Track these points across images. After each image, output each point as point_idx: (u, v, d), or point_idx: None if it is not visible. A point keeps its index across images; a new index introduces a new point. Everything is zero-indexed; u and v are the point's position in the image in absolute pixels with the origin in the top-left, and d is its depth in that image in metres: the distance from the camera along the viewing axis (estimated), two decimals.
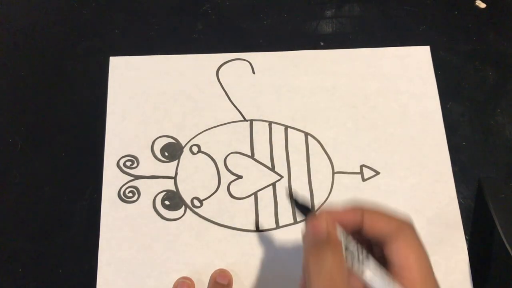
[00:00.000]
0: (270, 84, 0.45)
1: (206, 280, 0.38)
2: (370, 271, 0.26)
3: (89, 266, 0.39)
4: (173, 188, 0.41)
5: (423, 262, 0.26)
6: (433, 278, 0.26)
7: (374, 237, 0.27)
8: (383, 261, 0.26)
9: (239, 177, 0.42)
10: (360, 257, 0.27)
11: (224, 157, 0.42)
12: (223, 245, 0.39)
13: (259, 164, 0.42)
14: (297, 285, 0.38)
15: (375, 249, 0.28)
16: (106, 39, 0.47)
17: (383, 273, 0.26)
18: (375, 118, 0.43)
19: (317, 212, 0.28)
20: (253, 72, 0.45)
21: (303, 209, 0.30)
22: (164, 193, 0.41)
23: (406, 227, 0.26)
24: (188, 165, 0.42)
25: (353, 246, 0.27)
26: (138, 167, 0.42)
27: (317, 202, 0.41)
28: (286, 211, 0.40)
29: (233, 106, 0.44)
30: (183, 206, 0.41)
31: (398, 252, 0.25)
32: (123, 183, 0.41)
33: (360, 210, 0.27)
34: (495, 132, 0.43)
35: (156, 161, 0.42)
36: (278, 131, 0.43)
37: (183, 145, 0.43)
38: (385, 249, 0.26)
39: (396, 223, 0.26)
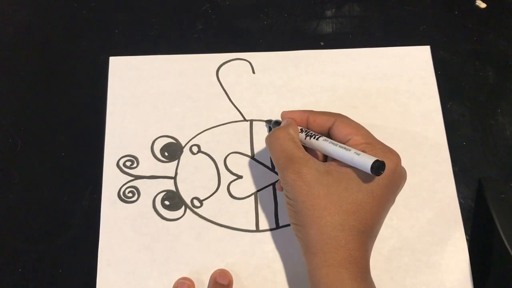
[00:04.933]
0: (270, 84, 0.45)
1: (206, 280, 0.38)
2: (323, 139, 0.34)
3: (89, 266, 0.39)
4: (173, 188, 0.41)
5: (361, 130, 0.33)
6: (374, 138, 0.33)
7: (319, 129, 0.35)
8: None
9: (239, 177, 0.42)
10: (316, 136, 0.34)
11: (224, 157, 0.42)
12: (223, 245, 0.39)
13: (259, 164, 0.42)
14: (298, 285, 0.38)
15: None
16: (106, 39, 0.47)
17: (335, 141, 0.33)
18: (375, 118, 0.43)
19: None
20: (253, 72, 0.45)
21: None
22: (164, 193, 0.41)
23: (340, 115, 0.35)
24: (188, 165, 0.42)
25: (308, 131, 0.35)
26: (138, 167, 0.42)
27: None
28: (286, 211, 0.40)
29: (233, 106, 0.44)
30: (183, 206, 0.41)
31: (339, 128, 0.34)
32: (123, 183, 0.41)
33: (306, 112, 0.36)
34: (495, 132, 0.43)
35: (156, 161, 0.42)
36: None
37: (183, 145, 0.43)
38: (330, 134, 0.35)
39: (332, 114, 0.35)
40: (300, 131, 0.36)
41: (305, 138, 0.35)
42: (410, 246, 0.39)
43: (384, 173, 0.30)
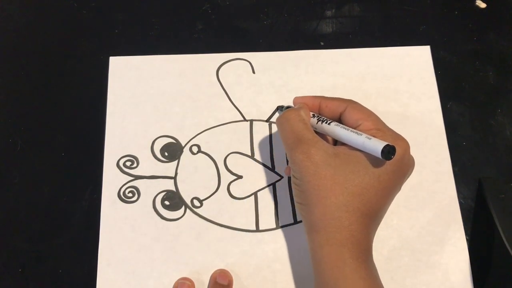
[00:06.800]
0: (270, 84, 0.45)
1: (206, 280, 0.38)
2: (335, 124, 0.34)
3: (89, 266, 0.39)
4: (173, 188, 0.41)
5: (372, 116, 0.34)
6: (384, 125, 0.34)
7: (330, 114, 0.36)
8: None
9: (239, 177, 0.42)
10: (327, 121, 0.35)
11: (224, 157, 0.42)
12: (223, 245, 0.39)
13: (259, 164, 0.42)
14: (298, 285, 0.38)
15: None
16: (106, 39, 0.47)
17: (346, 126, 0.34)
18: None
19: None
20: (253, 72, 0.45)
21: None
22: (164, 193, 0.41)
23: (352, 101, 0.35)
24: (188, 165, 0.42)
25: (320, 117, 0.36)
26: (138, 167, 0.42)
27: None
28: (286, 211, 0.40)
29: (233, 106, 0.44)
30: (183, 206, 0.41)
31: (350, 114, 0.34)
32: (123, 183, 0.41)
33: (318, 97, 0.36)
34: (495, 132, 0.43)
35: (156, 161, 0.42)
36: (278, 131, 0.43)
37: (183, 145, 0.43)
38: (342, 119, 0.35)
39: (344, 100, 0.35)
40: (312, 116, 0.36)
41: (317, 123, 0.35)
42: (410, 246, 0.39)
43: (392, 159, 0.31)
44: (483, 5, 0.48)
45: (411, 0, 0.49)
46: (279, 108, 0.40)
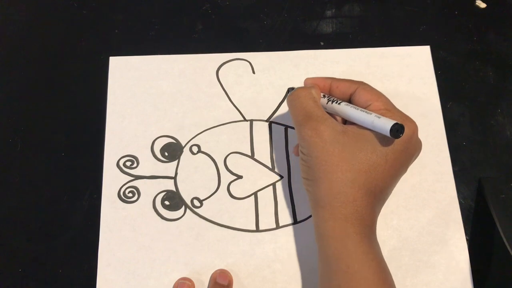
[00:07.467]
0: (270, 84, 0.45)
1: (206, 280, 0.38)
2: (345, 104, 0.35)
3: (89, 266, 0.39)
4: (173, 188, 0.41)
5: (382, 97, 0.34)
6: (394, 106, 0.34)
7: (341, 95, 0.36)
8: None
9: (239, 177, 0.42)
10: (337, 101, 0.35)
11: (224, 157, 0.42)
12: (223, 245, 0.39)
13: (259, 164, 0.42)
14: (298, 285, 0.38)
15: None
16: (106, 39, 0.47)
17: (356, 106, 0.34)
18: None
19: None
20: (253, 72, 0.45)
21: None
22: (164, 193, 0.41)
23: (362, 82, 0.36)
24: (188, 165, 0.42)
25: (330, 97, 0.36)
26: (138, 167, 0.42)
27: None
28: (286, 211, 0.40)
29: (233, 106, 0.44)
30: (183, 206, 0.41)
31: (360, 95, 0.34)
32: (123, 183, 0.41)
33: (329, 78, 0.37)
34: (495, 132, 0.43)
35: (156, 161, 0.42)
36: (278, 131, 0.43)
37: (183, 145, 0.43)
38: (352, 100, 0.35)
39: (354, 81, 0.36)
40: (322, 96, 0.36)
41: (327, 103, 0.36)
42: (410, 246, 0.39)
43: (400, 139, 0.31)
44: (483, 5, 0.48)
45: (411, 0, 0.49)
46: (290, 90, 0.40)
